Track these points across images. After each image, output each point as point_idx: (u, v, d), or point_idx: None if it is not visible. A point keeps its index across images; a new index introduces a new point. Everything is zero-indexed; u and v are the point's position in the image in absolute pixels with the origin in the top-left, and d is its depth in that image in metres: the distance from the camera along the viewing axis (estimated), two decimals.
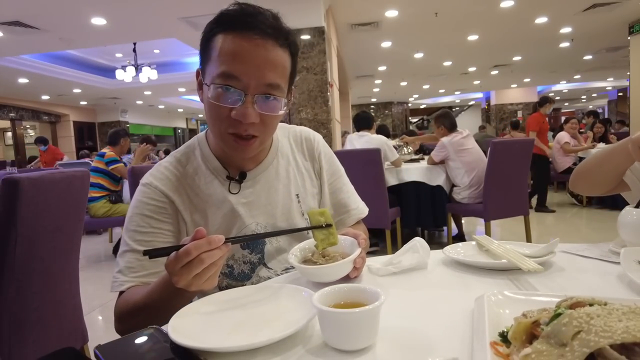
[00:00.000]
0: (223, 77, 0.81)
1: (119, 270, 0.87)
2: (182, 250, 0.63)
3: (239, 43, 0.80)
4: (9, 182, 1.21)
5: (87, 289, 3.45)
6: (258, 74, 0.81)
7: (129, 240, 0.88)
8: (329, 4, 5.57)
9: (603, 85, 17.07)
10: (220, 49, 0.81)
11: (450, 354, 0.51)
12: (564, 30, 7.79)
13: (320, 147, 1.10)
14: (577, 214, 5.55)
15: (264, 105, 0.83)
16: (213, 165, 0.96)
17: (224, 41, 0.81)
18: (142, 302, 0.78)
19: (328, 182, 1.09)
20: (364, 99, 16.89)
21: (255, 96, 0.81)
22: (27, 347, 1.30)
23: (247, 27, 0.80)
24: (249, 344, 0.53)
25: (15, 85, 9.79)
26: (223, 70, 0.80)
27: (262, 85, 0.82)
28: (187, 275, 0.63)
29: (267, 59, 0.81)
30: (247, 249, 0.96)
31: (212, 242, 0.63)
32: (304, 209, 1.03)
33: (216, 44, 0.82)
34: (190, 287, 0.65)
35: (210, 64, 0.83)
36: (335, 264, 0.76)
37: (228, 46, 0.81)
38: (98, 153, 4.58)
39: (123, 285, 0.85)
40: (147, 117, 16.39)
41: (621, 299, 0.50)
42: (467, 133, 3.83)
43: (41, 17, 5.62)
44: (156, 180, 0.92)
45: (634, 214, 0.84)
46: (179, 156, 0.98)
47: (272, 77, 0.82)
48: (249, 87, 0.81)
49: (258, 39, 0.80)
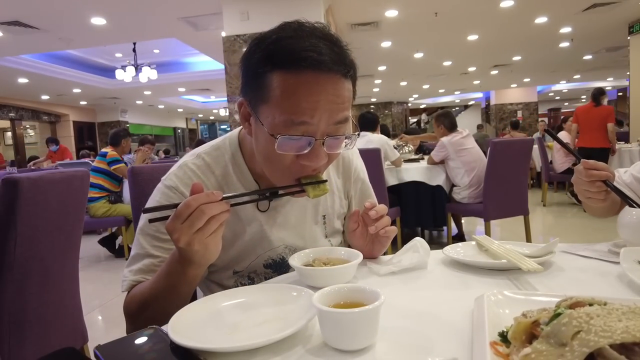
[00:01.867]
0: (289, 125, 0.72)
1: (130, 270, 0.85)
2: (182, 203, 0.64)
3: (304, 86, 0.71)
4: (8, 182, 1.21)
5: (87, 289, 3.45)
6: (328, 115, 0.73)
7: (146, 245, 0.85)
8: (329, 4, 5.57)
9: (603, 85, 17.06)
10: (281, 94, 0.71)
11: (450, 354, 0.51)
12: (563, 30, 7.79)
13: (358, 169, 1.07)
14: (577, 214, 5.55)
15: (332, 144, 0.77)
16: (245, 180, 0.90)
17: (285, 84, 0.71)
18: (149, 294, 0.77)
19: (356, 196, 1.08)
20: (364, 98, 16.89)
21: (325, 138, 0.74)
22: (26, 347, 1.30)
23: (311, 67, 0.70)
24: (249, 344, 0.53)
25: (15, 85, 9.79)
26: (289, 118, 0.72)
27: (332, 124, 0.74)
28: (188, 229, 0.63)
29: (336, 97, 0.73)
30: (269, 269, 0.94)
31: (211, 195, 0.64)
32: (328, 231, 1.01)
33: (274, 85, 0.72)
34: (192, 243, 0.65)
35: (267, 106, 0.74)
36: (335, 267, 0.76)
37: (291, 90, 0.71)
38: (99, 153, 4.59)
39: (132, 285, 0.84)
40: (147, 117, 16.39)
41: (621, 299, 0.50)
42: (467, 133, 3.83)
43: (41, 17, 5.62)
44: (182, 186, 0.86)
45: (634, 214, 0.84)
46: (208, 160, 0.91)
47: (342, 111, 0.75)
48: (318, 131, 0.73)
49: (325, 79, 0.71)
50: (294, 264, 0.78)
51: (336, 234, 1.05)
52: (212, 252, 0.70)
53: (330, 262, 0.81)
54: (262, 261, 0.94)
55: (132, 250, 0.88)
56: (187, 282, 0.74)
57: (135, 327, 0.78)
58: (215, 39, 6.35)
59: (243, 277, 0.94)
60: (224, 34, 5.16)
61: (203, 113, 19.55)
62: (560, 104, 22.51)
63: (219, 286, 0.95)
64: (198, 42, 7.34)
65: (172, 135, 19.37)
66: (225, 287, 0.93)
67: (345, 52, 0.77)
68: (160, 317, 0.67)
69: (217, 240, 0.69)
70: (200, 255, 0.69)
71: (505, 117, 15.36)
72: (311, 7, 4.87)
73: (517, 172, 3.61)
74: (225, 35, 5.13)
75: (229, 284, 0.94)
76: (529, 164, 3.77)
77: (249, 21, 4.97)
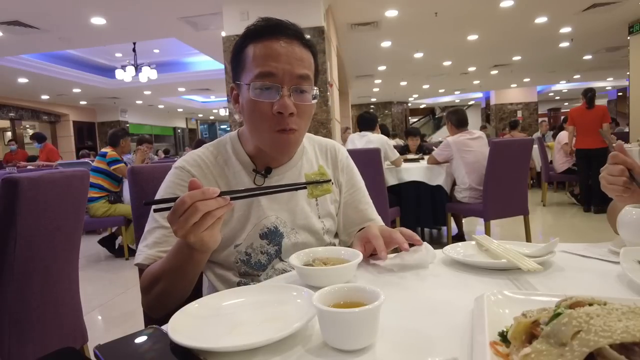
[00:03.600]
0: (260, 77, 0.90)
1: (145, 245, 0.94)
2: (178, 200, 0.69)
3: (269, 46, 0.91)
4: (8, 182, 1.21)
5: (87, 288, 3.45)
6: (289, 68, 0.90)
7: (158, 217, 0.95)
8: (329, 4, 5.57)
9: (603, 85, 17.08)
10: (253, 56, 0.92)
11: (450, 353, 0.51)
12: (563, 30, 7.79)
13: (343, 160, 1.17)
14: (577, 214, 5.55)
15: (298, 97, 0.92)
16: (242, 159, 1.03)
17: (256, 48, 0.92)
18: (160, 270, 0.86)
19: (346, 193, 1.15)
20: (363, 98, 16.89)
21: (290, 88, 0.90)
22: (26, 347, 1.30)
23: (274, 34, 0.92)
24: (248, 344, 0.53)
25: (15, 85, 9.79)
26: (260, 71, 0.90)
27: (294, 77, 0.91)
28: (184, 224, 0.68)
29: (295, 55, 0.92)
30: (265, 239, 1.01)
31: (206, 192, 0.69)
32: (321, 212, 1.08)
33: (249, 53, 0.93)
34: (188, 236, 0.70)
35: (245, 71, 0.93)
36: (335, 267, 0.76)
37: (260, 51, 0.91)
38: (99, 153, 4.59)
39: (148, 259, 0.92)
40: (147, 116, 16.39)
41: (621, 299, 0.50)
42: (478, 135, 3.78)
43: (41, 16, 5.62)
44: (188, 165, 1.00)
45: (634, 214, 0.84)
46: (211, 148, 1.06)
47: (302, 69, 0.92)
48: (284, 81, 0.90)
49: (285, 41, 0.92)
50: (294, 264, 0.78)
51: (329, 216, 1.10)
52: (209, 244, 0.75)
53: (330, 262, 0.81)
54: (258, 231, 1.00)
55: (146, 226, 0.97)
56: (193, 263, 0.81)
57: (147, 300, 0.90)
58: (215, 39, 6.36)
59: (241, 254, 1.00)
60: (224, 33, 5.16)
61: (203, 113, 19.55)
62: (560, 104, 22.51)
63: (221, 267, 1.02)
64: (198, 42, 7.34)
65: (172, 135, 19.37)
66: (227, 266, 1.01)
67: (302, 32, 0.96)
68: (167, 292, 0.85)
69: (214, 233, 0.74)
70: (199, 246, 0.74)
71: (505, 117, 15.35)
72: (311, 7, 4.87)
73: (517, 172, 3.61)
74: (225, 35, 5.13)
75: (229, 262, 1.00)
76: (529, 164, 3.77)
77: (249, 21, 4.87)
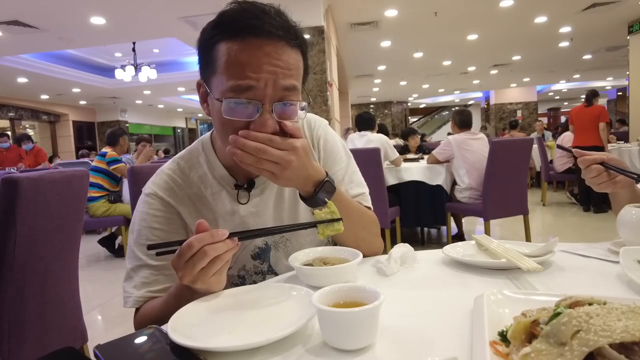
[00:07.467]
0: (236, 91, 0.73)
1: (134, 286, 0.84)
2: (184, 243, 0.63)
3: (247, 52, 0.73)
4: (8, 182, 1.21)
5: (87, 288, 3.45)
6: (273, 80, 0.74)
7: (142, 255, 0.85)
8: (329, 4, 5.57)
9: (602, 84, 17.08)
10: (227, 61, 0.74)
11: (450, 353, 0.51)
12: (563, 29, 7.80)
13: (320, 133, 1.00)
14: (577, 214, 5.55)
15: (282, 112, 0.76)
16: (220, 173, 0.91)
17: (230, 50, 0.73)
18: (159, 313, 0.77)
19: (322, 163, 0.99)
20: (363, 98, 16.90)
21: (273, 104, 0.74)
22: (26, 347, 1.30)
23: (253, 32, 0.73)
24: (248, 344, 0.53)
25: (15, 84, 9.78)
26: (235, 83, 0.73)
27: (278, 90, 0.75)
28: (191, 269, 0.63)
29: (281, 62, 0.74)
30: (257, 260, 0.94)
31: (215, 235, 0.63)
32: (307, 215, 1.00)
33: (220, 54, 0.75)
34: (195, 282, 0.64)
35: (216, 76, 0.76)
36: (335, 267, 0.76)
37: (236, 56, 0.73)
38: (99, 153, 4.60)
39: (138, 302, 0.84)
40: (147, 116, 16.38)
41: (620, 298, 0.50)
42: (479, 136, 3.80)
43: (40, 16, 5.62)
44: (160, 191, 0.89)
45: (634, 214, 0.84)
46: (182, 163, 0.93)
47: (288, 79, 0.75)
48: (266, 96, 0.74)
49: (267, 44, 0.73)
50: (294, 264, 0.78)
51: None
52: (216, 289, 0.70)
53: (329, 262, 0.81)
54: (249, 252, 0.94)
55: (127, 263, 0.87)
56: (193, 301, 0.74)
57: None
58: None
59: (233, 277, 0.94)
60: None
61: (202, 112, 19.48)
62: (560, 103, 22.51)
63: None
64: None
65: (171, 134, 19.35)
66: None
67: (292, 24, 0.78)
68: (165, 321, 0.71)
69: (222, 277, 0.68)
70: (204, 291, 0.69)
71: (505, 117, 15.37)
72: (311, 7, 4.87)
73: (516, 171, 3.61)
74: None
75: None
76: (529, 164, 3.77)
77: None
